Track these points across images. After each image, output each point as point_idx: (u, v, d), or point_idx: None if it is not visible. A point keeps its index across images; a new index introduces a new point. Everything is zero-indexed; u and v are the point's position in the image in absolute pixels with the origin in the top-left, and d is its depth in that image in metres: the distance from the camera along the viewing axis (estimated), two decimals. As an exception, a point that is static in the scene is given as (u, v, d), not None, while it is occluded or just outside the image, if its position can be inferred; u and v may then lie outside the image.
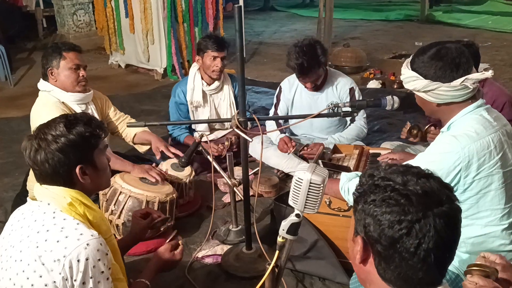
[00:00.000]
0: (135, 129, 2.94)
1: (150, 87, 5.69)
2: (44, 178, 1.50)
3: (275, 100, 3.35)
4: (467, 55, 1.68)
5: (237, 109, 2.97)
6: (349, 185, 1.89)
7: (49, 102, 2.58)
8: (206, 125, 3.51)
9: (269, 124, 3.34)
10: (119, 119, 2.96)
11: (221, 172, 2.42)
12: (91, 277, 1.39)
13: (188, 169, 2.85)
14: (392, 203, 0.96)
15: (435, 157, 1.68)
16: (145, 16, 5.65)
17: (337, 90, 3.17)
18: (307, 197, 1.37)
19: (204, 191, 3.04)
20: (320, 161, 2.51)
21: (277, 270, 1.44)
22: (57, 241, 1.38)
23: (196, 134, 3.48)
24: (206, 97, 3.44)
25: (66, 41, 2.87)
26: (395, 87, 5.15)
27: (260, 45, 8.00)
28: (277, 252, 1.43)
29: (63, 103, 2.61)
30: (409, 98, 4.19)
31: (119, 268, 1.57)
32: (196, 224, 2.77)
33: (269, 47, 7.84)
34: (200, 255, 2.47)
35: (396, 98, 2.07)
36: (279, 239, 1.43)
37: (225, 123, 3.56)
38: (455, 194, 1.02)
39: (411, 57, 1.77)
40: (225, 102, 3.48)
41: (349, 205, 2.16)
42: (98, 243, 1.41)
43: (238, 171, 2.69)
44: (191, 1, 5.73)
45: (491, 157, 1.64)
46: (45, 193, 1.50)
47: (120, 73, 6.37)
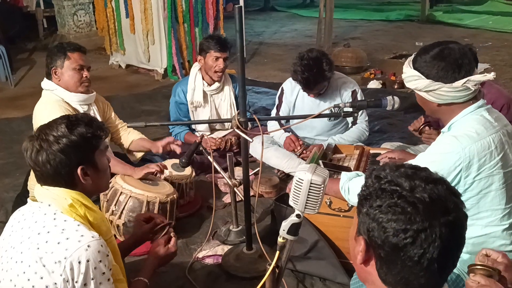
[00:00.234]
0: (133, 136, 2.94)
1: (150, 87, 5.69)
2: (45, 179, 1.50)
3: (277, 101, 3.34)
4: (470, 56, 1.68)
5: (237, 110, 2.97)
6: (349, 184, 1.89)
7: (52, 100, 2.58)
8: (206, 125, 3.51)
9: (271, 124, 3.34)
10: (118, 125, 2.97)
11: (222, 172, 2.42)
12: (93, 279, 1.39)
13: (188, 170, 2.86)
14: (398, 211, 0.94)
15: (436, 157, 1.68)
16: (146, 16, 5.66)
17: (340, 93, 3.15)
18: (308, 197, 1.36)
19: (204, 191, 3.04)
20: (320, 162, 2.51)
21: (277, 270, 1.44)
22: (58, 243, 1.38)
23: (196, 134, 3.48)
24: (206, 98, 3.43)
25: (71, 41, 2.87)
26: (396, 87, 5.15)
27: (260, 45, 8.00)
28: (277, 252, 1.43)
29: (66, 102, 2.61)
30: (410, 98, 4.23)
31: (119, 269, 1.57)
32: (196, 224, 2.77)
33: (270, 47, 7.84)
34: (200, 255, 2.47)
35: (396, 98, 2.07)
36: (280, 240, 1.42)
37: (226, 124, 3.56)
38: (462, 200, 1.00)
39: (413, 56, 1.76)
40: (225, 102, 3.48)
41: (350, 206, 2.16)
42: (99, 244, 1.41)
43: (238, 172, 2.69)
44: (192, 2, 5.73)
45: (492, 158, 1.64)
46: (46, 194, 1.49)
47: (120, 74, 6.37)
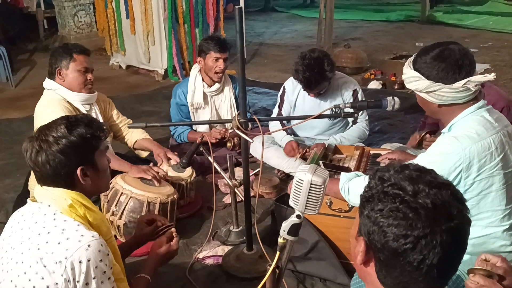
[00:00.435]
0: (137, 136, 2.95)
1: (151, 88, 5.69)
2: (45, 179, 1.50)
3: (278, 100, 3.35)
4: (470, 57, 1.68)
5: (237, 110, 2.97)
6: (349, 185, 1.89)
7: (53, 100, 2.58)
8: (207, 126, 3.50)
9: (273, 124, 3.34)
10: (121, 122, 2.97)
11: (222, 173, 2.42)
12: (94, 278, 1.39)
13: (189, 170, 2.85)
14: (399, 216, 0.93)
15: (436, 158, 1.67)
16: (146, 17, 5.66)
17: (341, 93, 3.16)
18: (308, 198, 1.36)
19: (204, 192, 3.04)
20: (321, 162, 2.51)
21: (278, 271, 1.44)
22: (58, 243, 1.39)
23: (197, 135, 3.48)
24: (207, 99, 3.43)
25: (77, 43, 2.87)
26: (396, 88, 5.15)
27: (260, 46, 8.00)
28: (278, 253, 1.43)
29: (67, 101, 2.61)
30: (410, 99, 4.23)
31: (119, 269, 1.57)
32: (197, 225, 2.77)
33: (270, 48, 7.84)
34: (201, 256, 2.47)
35: (396, 99, 2.07)
36: (280, 240, 1.42)
37: (226, 124, 3.56)
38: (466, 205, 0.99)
39: (413, 57, 1.76)
40: (225, 103, 3.48)
41: (350, 206, 2.16)
42: (99, 244, 1.41)
43: (238, 172, 2.69)
44: (192, 2, 5.74)
45: (492, 158, 1.64)
46: (46, 195, 1.50)
47: (121, 74, 6.37)
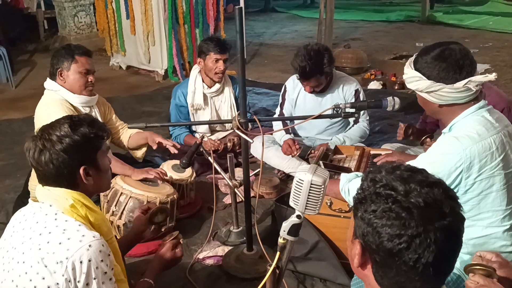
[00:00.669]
0: (130, 131, 2.95)
1: (151, 88, 5.69)
2: (47, 179, 1.50)
3: (280, 99, 3.36)
4: (471, 57, 1.68)
5: (237, 111, 2.97)
6: (349, 186, 1.89)
7: (54, 100, 2.58)
8: (207, 126, 3.50)
9: (276, 123, 3.34)
10: (118, 126, 2.98)
11: (222, 173, 2.42)
12: (95, 278, 1.40)
13: (188, 170, 2.86)
14: (392, 216, 0.94)
15: (437, 158, 1.67)
16: (146, 17, 5.66)
17: (342, 92, 3.16)
18: (308, 198, 1.36)
19: (205, 192, 3.04)
20: (321, 162, 2.51)
21: (278, 271, 1.44)
22: (59, 243, 1.39)
23: (197, 135, 3.48)
24: (207, 100, 3.43)
25: (79, 44, 2.87)
26: (396, 88, 5.15)
27: (260, 46, 8.00)
28: (278, 253, 1.43)
29: (68, 102, 2.61)
30: (410, 99, 4.23)
31: (120, 269, 1.57)
32: (197, 225, 2.77)
33: (270, 48, 7.84)
34: (201, 256, 2.47)
35: (397, 99, 2.07)
36: (280, 240, 1.42)
37: (226, 125, 3.56)
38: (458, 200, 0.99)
39: (414, 57, 1.76)
40: (225, 104, 3.48)
41: (350, 206, 2.15)
42: (100, 244, 1.41)
43: (239, 172, 2.70)
44: (192, 3, 5.74)
45: (493, 159, 1.63)
46: (47, 195, 1.50)
47: (121, 75, 6.38)
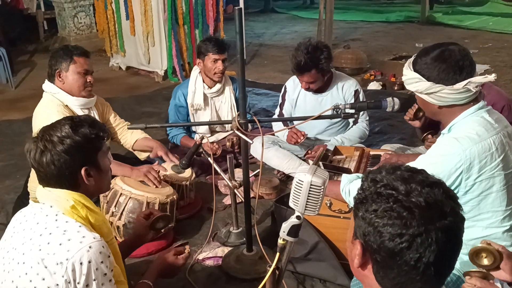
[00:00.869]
0: (136, 136, 2.95)
1: (150, 89, 5.69)
2: (48, 180, 1.50)
3: (280, 99, 3.36)
4: (471, 58, 1.68)
5: (238, 111, 2.97)
6: (350, 187, 1.89)
7: (52, 104, 2.58)
8: (207, 127, 3.51)
9: (275, 124, 3.34)
10: (118, 125, 2.97)
11: (222, 174, 2.42)
12: (94, 280, 1.40)
13: (188, 171, 2.86)
14: (394, 215, 0.94)
15: (436, 159, 1.67)
16: (146, 18, 5.66)
17: (342, 92, 3.16)
18: (308, 199, 1.36)
19: (204, 193, 3.04)
20: (320, 163, 2.51)
21: (277, 272, 1.44)
22: (60, 244, 1.39)
23: (197, 136, 3.48)
24: (207, 100, 3.43)
25: (77, 45, 2.87)
26: (396, 88, 5.15)
27: (260, 47, 8.00)
28: (277, 254, 1.43)
29: (66, 106, 2.61)
30: (410, 99, 4.23)
31: (120, 271, 1.57)
32: (196, 226, 2.77)
33: (270, 49, 7.84)
34: (200, 257, 2.47)
35: (396, 99, 2.07)
36: (280, 241, 1.42)
37: (226, 125, 3.57)
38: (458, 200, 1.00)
39: (413, 58, 1.76)
40: (226, 104, 3.48)
41: (350, 207, 2.15)
42: (100, 245, 1.41)
43: (238, 173, 2.69)
44: (192, 3, 5.74)
45: (493, 159, 1.64)
46: (48, 196, 1.50)
47: (120, 75, 6.37)
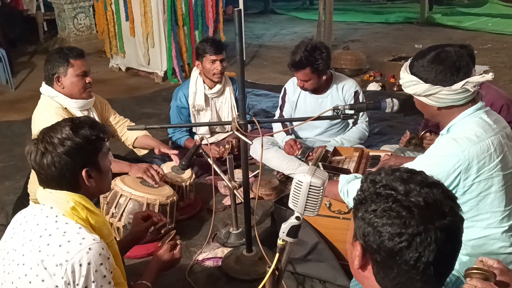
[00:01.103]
0: (136, 133, 2.95)
1: (150, 90, 5.70)
2: (49, 182, 1.50)
3: (280, 101, 3.36)
4: (467, 58, 1.69)
5: (237, 112, 2.98)
6: (348, 187, 1.89)
7: (50, 107, 2.58)
8: (206, 128, 3.51)
9: (276, 126, 3.35)
10: (118, 122, 2.98)
11: (222, 174, 2.43)
12: (94, 281, 1.40)
13: (188, 172, 2.86)
14: (393, 215, 0.95)
15: (435, 160, 1.68)
16: (146, 19, 5.67)
17: (342, 93, 3.17)
18: (307, 199, 1.37)
19: (204, 193, 3.04)
20: (320, 164, 2.52)
21: (277, 272, 1.44)
22: (60, 246, 1.39)
23: (196, 137, 3.48)
24: (208, 101, 3.44)
25: (71, 46, 2.86)
26: (395, 89, 5.15)
27: (260, 48, 8.00)
28: (277, 254, 1.43)
29: (65, 108, 2.61)
30: (409, 100, 4.21)
31: (120, 272, 1.58)
32: (196, 227, 2.77)
33: (269, 50, 7.85)
34: (200, 257, 2.47)
35: (395, 100, 2.08)
36: (280, 242, 1.43)
37: (226, 126, 3.57)
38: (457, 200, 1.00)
39: (409, 61, 1.77)
40: (226, 105, 3.48)
41: (349, 208, 2.16)
42: (100, 247, 1.41)
43: (238, 174, 2.70)
44: (191, 4, 5.74)
45: (491, 160, 1.64)
46: (48, 197, 1.50)
47: (120, 76, 6.38)
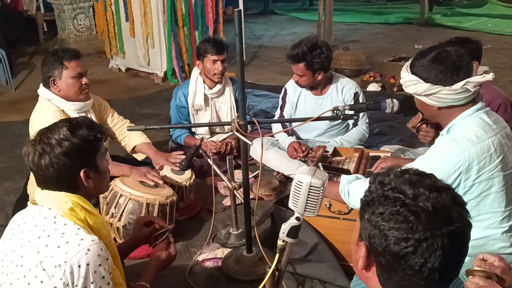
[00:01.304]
0: (135, 141, 2.95)
1: (150, 90, 5.70)
2: (47, 183, 1.50)
3: (280, 102, 3.36)
4: (467, 58, 1.69)
5: (237, 112, 2.98)
6: (349, 187, 1.89)
7: (48, 109, 2.57)
8: (206, 128, 3.51)
9: (275, 126, 3.35)
10: (117, 124, 2.96)
11: (221, 175, 2.42)
12: (92, 282, 1.39)
13: (188, 173, 2.86)
14: (400, 219, 0.93)
15: (435, 160, 1.68)
16: (145, 20, 5.67)
17: (342, 94, 3.16)
18: (307, 200, 1.37)
19: (204, 194, 3.04)
20: (320, 164, 2.51)
21: (277, 273, 1.44)
22: (58, 247, 1.39)
23: (196, 137, 3.48)
24: (207, 101, 3.44)
25: (65, 47, 2.86)
26: (395, 90, 5.15)
27: (260, 48, 8.00)
28: (277, 255, 1.43)
29: (62, 111, 2.60)
30: (409, 101, 4.22)
31: (119, 273, 1.57)
32: (196, 227, 2.77)
33: (269, 50, 7.85)
34: (200, 258, 2.47)
35: (395, 101, 2.08)
36: (280, 242, 1.42)
37: (226, 127, 3.57)
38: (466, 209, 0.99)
39: (410, 61, 1.77)
40: (226, 105, 3.48)
41: (350, 208, 2.16)
42: (98, 248, 1.41)
43: (238, 174, 2.70)
44: (191, 5, 5.75)
45: (492, 160, 1.64)
46: (47, 198, 1.50)
47: (120, 77, 6.38)
